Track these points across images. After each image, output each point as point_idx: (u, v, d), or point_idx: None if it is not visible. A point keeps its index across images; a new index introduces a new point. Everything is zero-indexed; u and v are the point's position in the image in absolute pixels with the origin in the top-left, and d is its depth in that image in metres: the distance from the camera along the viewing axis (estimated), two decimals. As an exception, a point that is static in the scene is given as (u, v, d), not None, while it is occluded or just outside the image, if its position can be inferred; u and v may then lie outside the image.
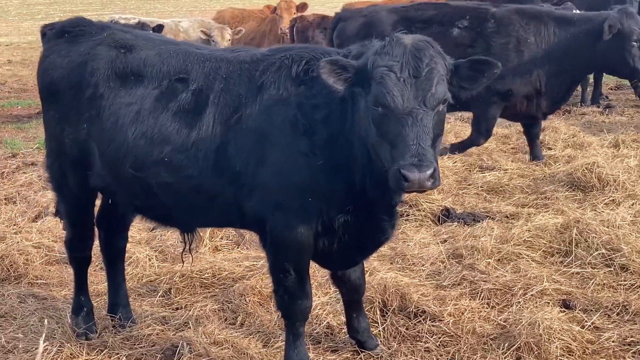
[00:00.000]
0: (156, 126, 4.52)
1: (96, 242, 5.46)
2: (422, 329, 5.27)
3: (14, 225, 7.59)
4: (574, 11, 12.38)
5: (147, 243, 6.98)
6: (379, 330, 5.30)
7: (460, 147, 9.70)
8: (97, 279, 6.17)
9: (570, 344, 4.95)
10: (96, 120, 4.71)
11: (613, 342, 5.08)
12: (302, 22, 14.63)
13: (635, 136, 10.64)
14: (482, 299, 5.67)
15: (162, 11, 40.91)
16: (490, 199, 8.31)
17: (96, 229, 5.39)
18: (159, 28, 12.67)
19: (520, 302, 5.56)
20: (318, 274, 5.87)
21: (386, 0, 18.76)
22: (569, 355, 4.89)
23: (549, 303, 5.58)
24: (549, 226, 6.84)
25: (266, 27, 15.92)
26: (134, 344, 5.23)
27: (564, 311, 5.48)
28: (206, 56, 4.66)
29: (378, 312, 5.45)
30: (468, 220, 7.42)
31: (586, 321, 5.33)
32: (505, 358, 4.86)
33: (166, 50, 4.75)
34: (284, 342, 5.14)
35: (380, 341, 5.18)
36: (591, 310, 5.54)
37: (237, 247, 6.95)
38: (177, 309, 5.81)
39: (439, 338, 5.18)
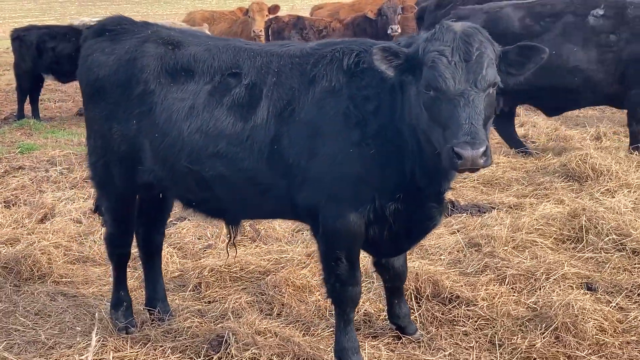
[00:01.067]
0: (211, 120, 4.60)
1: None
2: (458, 314, 5.45)
3: (22, 227, 7.56)
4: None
5: (164, 241, 7.00)
6: (415, 317, 5.45)
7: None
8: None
9: (602, 324, 5.17)
10: (148, 116, 4.77)
11: (640, 320, 5.33)
12: (278, 23, 14.78)
13: (614, 128, 11.03)
14: (508, 284, 5.86)
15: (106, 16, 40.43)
16: (488, 191, 8.55)
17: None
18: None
19: (545, 286, 5.76)
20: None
21: (351, 2, 19.09)
22: (603, 333, 5.11)
23: (572, 287, 5.80)
24: (557, 214, 7.10)
25: (237, 29, 16.01)
26: (176, 337, 5.29)
27: (588, 293, 5.70)
28: (256, 51, 4.75)
29: (413, 299, 5.61)
30: (474, 212, 7.64)
31: (610, 302, 5.57)
32: (544, 338, 5.05)
33: (215, 45, 4.84)
34: (324, 330, 5.29)
35: (418, 326, 5.33)
36: (612, 292, 5.78)
37: (254, 243, 7.03)
38: (209, 302, 5.88)
39: (476, 322, 5.36)
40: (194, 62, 4.77)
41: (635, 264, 6.23)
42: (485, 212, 7.61)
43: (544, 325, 5.16)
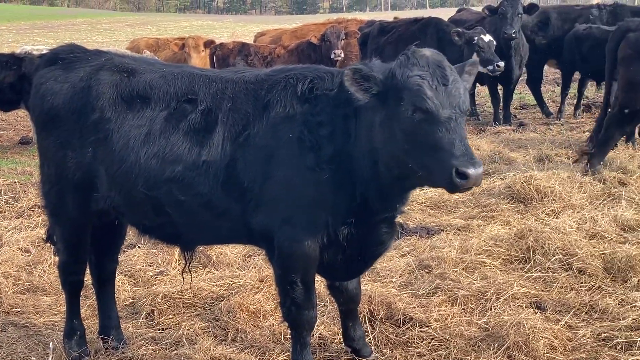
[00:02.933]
0: (167, 146, 4.62)
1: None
2: (411, 335, 5.51)
3: (-32, 257, 7.40)
4: (485, 35, 13.10)
5: (115, 268, 6.94)
6: (370, 339, 5.49)
7: None
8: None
9: (553, 342, 5.30)
10: (104, 143, 4.76)
11: (589, 338, 5.44)
12: (223, 50, 14.81)
13: (556, 151, 11.31)
14: (459, 305, 5.96)
15: (43, 44, 40.05)
16: (435, 214, 8.67)
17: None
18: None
19: (496, 307, 5.87)
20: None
21: (293, 29, 19.26)
22: (553, 351, 5.23)
23: (522, 306, 5.92)
24: (504, 235, 7.25)
25: (181, 56, 15.94)
26: (131, 365, 5.25)
27: (537, 312, 5.82)
28: (212, 77, 4.79)
29: (367, 322, 5.66)
30: (423, 234, 7.75)
31: (560, 321, 5.70)
32: (497, 357, 5.15)
33: (170, 72, 4.85)
34: (280, 354, 5.30)
35: (373, 349, 5.38)
36: (561, 311, 5.91)
37: (205, 269, 7.01)
38: (163, 329, 5.85)
39: (429, 343, 5.43)
40: (150, 89, 4.78)
41: (581, 283, 6.39)
42: (434, 234, 7.73)
43: (496, 345, 5.26)
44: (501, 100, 14.82)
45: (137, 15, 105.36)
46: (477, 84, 15.89)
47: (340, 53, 14.66)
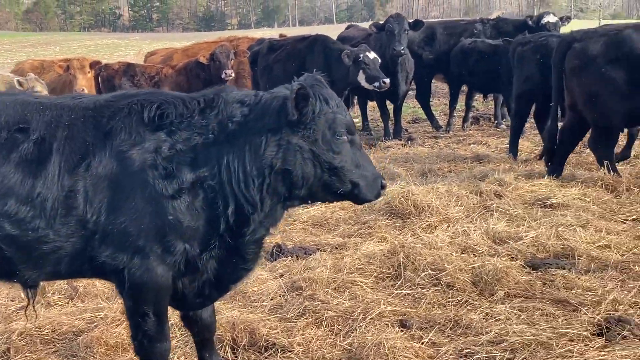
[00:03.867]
0: None
1: None
2: (273, 361, 5.42)
3: None
4: (369, 52, 13.23)
5: (-27, 305, 6.64)
6: (232, 367, 5.39)
7: None
8: None
9: (413, 360, 5.28)
10: None
11: (451, 354, 5.44)
12: (108, 71, 14.50)
13: (439, 164, 11.45)
14: (326, 327, 5.89)
15: None
16: (316, 232, 8.62)
17: None
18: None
19: (362, 327, 5.83)
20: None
21: (184, 48, 19.07)
22: (414, 370, 5.22)
23: (387, 324, 5.90)
24: (377, 253, 7.24)
25: (67, 78, 15.55)
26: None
27: (403, 330, 5.81)
28: (46, 105, 4.58)
29: (229, 350, 5.54)
30: (300, 254, 7.68)
31: (423, 338, 5.69)
32: (356, 379, 5.11)
33: (1, 101, 4.64)
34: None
35: (235, 377, 5.27)
36: (426, 327, 5.90)
37: (72, 301, 6.77)
38: (18, 368, 5.60)
39: (291, 368, 5.35)
40: (-22, 120, 4.55)
41: (449, 298, 6.41)
42: (311, 254, 7.66)
43: (356, 366, 5.22)
44: (391, 115, 14.99)
45: (40, 35, 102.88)
46: (367, 100, 16.06)
47: (231, 73, 14.60)
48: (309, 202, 4.84)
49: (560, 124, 10.49)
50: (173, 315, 5.44)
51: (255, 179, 4.44)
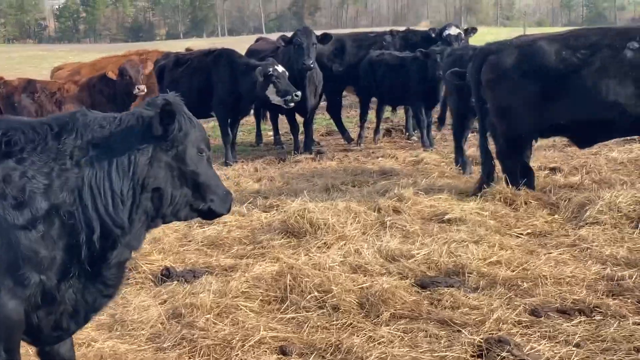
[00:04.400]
0: None
1: None
2: (141, 397, 5.18)
3: None
4: (277, 66, 13.08)
5: None
6: (97, 404, 5.12)
7: None
8: None
9: (286, 390, 5.10)
10: None
11: (327, 382, 5.30)
12: (7, 87, 14.01)
13: (344, 179, 11.33)
14: (201, 357, 5.67)
15: None
16: (211, 253, 8.37)
17: None
18: None
19: (238, 355, 5.63)
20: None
21: (92, 62, 18.63)
22: (286, 401, 5.04)
23: (267, 351, 5.71)
24: (265, 275, 7.04)
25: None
26: None
27: (281, 357, 5.63)
28: None
29: (94, 385, 5.28)
30: (188, 278, 7.41)
31: (302, 365, 5.53)
32: (225, 414, 4.90)
33: None
34: None
35: (99, 415, 5.01)
36: (306, 353, 5.71)
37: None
38: None
39: (158, 403, 5.11)
40: None
41: (333, 321, 6.23)
42: (200, 277, 7.41)
43: (225, 400, 5.01)
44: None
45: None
46: (279, 114, 15.92)
47: (144, 88, 14.19)
48: (169, 222, 4.73)
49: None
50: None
51: (125, 200, 4.30)
